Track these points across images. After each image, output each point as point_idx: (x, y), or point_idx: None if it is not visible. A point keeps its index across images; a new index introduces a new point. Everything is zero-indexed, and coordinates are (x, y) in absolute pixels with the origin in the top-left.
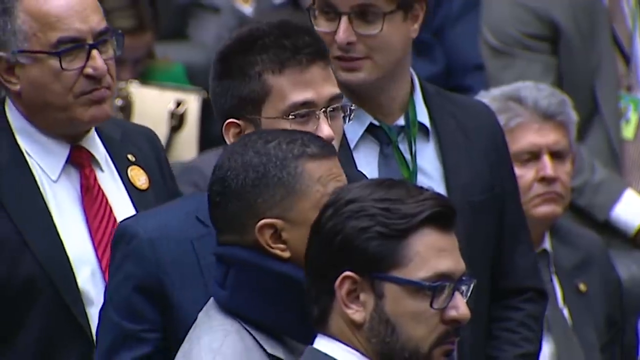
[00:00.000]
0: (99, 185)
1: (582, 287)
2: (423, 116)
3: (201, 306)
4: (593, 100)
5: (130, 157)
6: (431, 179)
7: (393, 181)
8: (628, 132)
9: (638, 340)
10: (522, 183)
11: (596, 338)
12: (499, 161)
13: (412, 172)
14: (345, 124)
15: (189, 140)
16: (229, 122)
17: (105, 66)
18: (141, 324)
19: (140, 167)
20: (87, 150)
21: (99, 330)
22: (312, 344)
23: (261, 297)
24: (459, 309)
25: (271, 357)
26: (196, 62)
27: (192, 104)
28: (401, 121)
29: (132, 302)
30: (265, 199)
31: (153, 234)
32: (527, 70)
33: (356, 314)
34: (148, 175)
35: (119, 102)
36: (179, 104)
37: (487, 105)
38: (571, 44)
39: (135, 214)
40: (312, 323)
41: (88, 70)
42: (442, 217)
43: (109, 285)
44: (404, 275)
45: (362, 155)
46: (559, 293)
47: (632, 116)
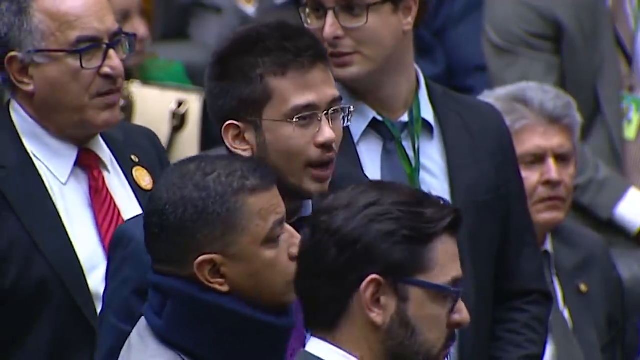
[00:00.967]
0: (107, 187)
1: (583, 287)
2: (427, 114)
3: None
4: (595, 101)
5: (134, 158)
6: (434, 176)
7: (385, 183)
8: (630, 132)
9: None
10: (526, 186)
11: (597, 338)
12: (505, 162)
13: (415, 168)
14: (344, 124)
15: (190, 140)
16: (228, 124)
17: (122, 66)
18: None
19: (144, 167)
20: (95, 153)
21: (98, 333)
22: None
23: (199, 329)
24: (462, 313)
25: None
26: (197, 62)
27: (194, 104)
28: (405, 117)
29: (131, 305)
30: (205, 234)
31: None
32: (530, 69)
33: (378, 317)
34: (152, 175)
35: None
36: (180, 104)
37: (494, 106)
38: (574, 43)
39: (132, 217)
40: (308, 327)
41: (105, 69)
42: (456, 223)
43: (107, 289)
44: (430, 280)
45: (365, 151)
46: (559, 294)
47: (634, 116)
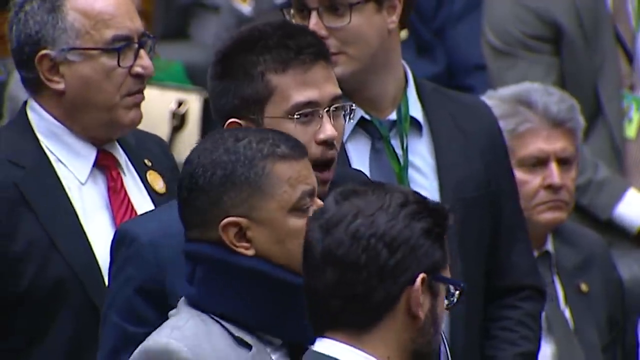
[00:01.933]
0: (125, 189)
1: (584, 287)
2: (416, 111)
3: None
4: (596, 100)
5: (147, 162)
6: (422, 174)
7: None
8: (630, 131)
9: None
10: (528, 189)
11: (598, 338)
12: (495, 160)
13: (403, 167)
14: (346, 122)
15: (190, 140)
16: (230, 122)
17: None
18: (143, 327)
19: (157, 171)
20: (112, 154)
21: (101, 333)
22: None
23: (229, 292)
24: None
25: (239, 340)
26: (197, 62)
27: (194, 103)
28: (393, 116)
29: (134, 305)
30: (231, 197)
31: (153, 236)
32: (530, 71)
33: (421, 314)
34: (164, 180)
35: None
36: (180, 103)
37: (487, 104)
38: (573, 44)
39: (135, 216)
40: (319, 330)
41: (137, 69)
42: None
43: (110, 288)
44: (446, 275)
45: (353, 150)
46: (560, 294)
47: (635, 115)
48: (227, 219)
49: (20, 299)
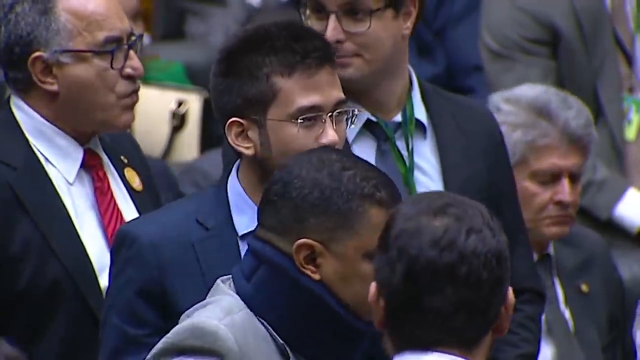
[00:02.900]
0: (111, 190)
1: (584, 287)
2: (420, 113)
3: None
4: (596, 102)
5: (123, 159)
6: (427, 176)
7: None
8: (630, 133)
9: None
10: (538, 202)
11: (598, 338)
12: (496, 163)
13: (409, 168)
14: (348, 127)
15: (190, 140)
16: (232, 121)
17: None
18: (143, 329)
19: (132, 168)
20: (97, 153)
21: (101, 334)
22: None
23: (282, 303)
24: None
25: (281, 349)
26: (197, 62)
27: (194, 104)
28: (398, 118)
29: (134, 307)
30: (317, 221)
31: (154, 237)
32: (527, 74)
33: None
34: (140, 177)
35: None
36: (180, 103)
37: (488, 109)
38: (572, 47)
39: (135, 217)
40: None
41: (127, 70)
42: None
43: (110, 289)
44: None
45: (359, 151)
46: (560, 295)
47: (634, 117)
48: (304, 240)
49: (18, 299)
